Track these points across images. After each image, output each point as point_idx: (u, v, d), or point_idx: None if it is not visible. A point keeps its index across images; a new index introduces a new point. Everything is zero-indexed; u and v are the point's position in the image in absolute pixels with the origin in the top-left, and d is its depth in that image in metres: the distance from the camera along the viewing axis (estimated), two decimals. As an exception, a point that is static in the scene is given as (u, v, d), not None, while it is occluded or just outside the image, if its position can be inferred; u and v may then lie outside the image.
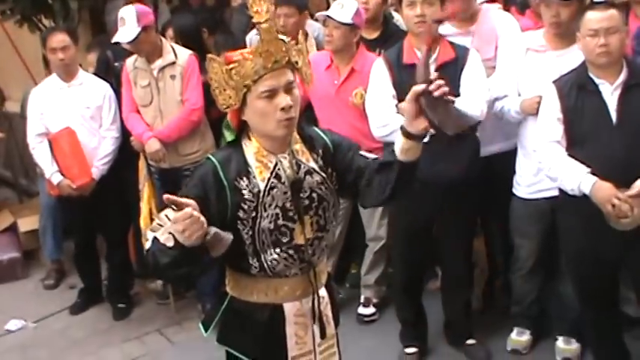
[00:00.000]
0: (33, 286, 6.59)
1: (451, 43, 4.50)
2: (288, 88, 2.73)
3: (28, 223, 6.93)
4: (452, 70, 4.38)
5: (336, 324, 3.14)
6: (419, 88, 2.71)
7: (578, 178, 3.94)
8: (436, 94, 2.73)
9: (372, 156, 2.97)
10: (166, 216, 2.72)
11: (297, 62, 2.77)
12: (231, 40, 5.82)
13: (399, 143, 2.76)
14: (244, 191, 2.77)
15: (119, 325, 5.89)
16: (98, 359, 5.45)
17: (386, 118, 4.56)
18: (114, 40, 5.49)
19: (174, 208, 2.53)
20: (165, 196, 2.54)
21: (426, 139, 2.80)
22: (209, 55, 2.81)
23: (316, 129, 3.03)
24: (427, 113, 2.67)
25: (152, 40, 5.37)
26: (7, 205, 7.62)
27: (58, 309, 6.16)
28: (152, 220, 5.55)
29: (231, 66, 2.71)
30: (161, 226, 2.71)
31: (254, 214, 2.78)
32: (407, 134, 2.72)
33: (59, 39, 5.58)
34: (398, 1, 4.68)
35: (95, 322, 5.96)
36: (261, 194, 2.79)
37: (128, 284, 6.21)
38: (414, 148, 2.76)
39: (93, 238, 6.08)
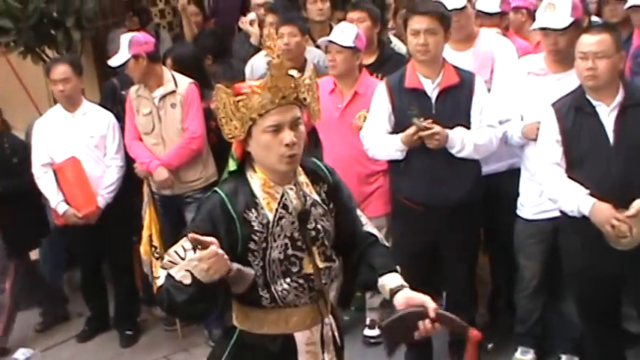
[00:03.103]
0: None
1: (455, 68, 4.57)
2: (294, 125, 2.77)
3: (33, 253, 6.92)
4: (456, 95, 4.50)
5: (342, 347, 3.18)
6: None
7: (578, 200, 3.99)
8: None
9: (366, 221, 3.15)
10: (176, 252, 2.77)
11: (305, 99, 2.81)
12: (230, 71, 5.89)
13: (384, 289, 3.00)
14: (254, 223, 2.80)
15: (127, 353, 5.92)
16: (106, 387, 5.49)
17: (374, 140, 4.67)
18: (108, 63, 5.63)
19: (200, 247, 2.57)
20: (190, 235, 2.58)
21: None
22: (218, 85, 2.87)
23: (319, 163, 3.08)
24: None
25: (142, 69, 5.45)
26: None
27: (65, 337, 6.19)
28: (152, 246, 5.62)
29: (239, 98, 2.75)
30: (172, 262, 2.75)
31: (264, 244, 2.82)
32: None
33: (60, 71, 5.65)
34: (403, 27, 4.74)
35: (103, 350, 5.98)
36: (271, 225, 2.82)
37: (135, 311, 6.23)
38: None
39: (99, 266, 6.11)
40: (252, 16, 6.56)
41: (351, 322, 5.58)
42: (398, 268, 3.09)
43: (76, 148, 5.65)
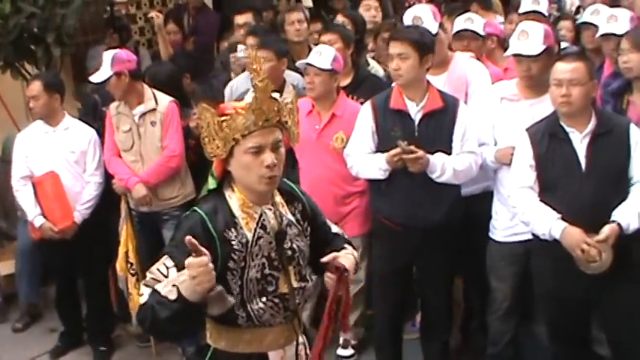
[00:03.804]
0: (13, 330, 6.58)
1: (440, 92, 4.65)
2: (275, 147, 2.83)
3: (8, 267, 6.88)
4: (439, 119, 4.58)
5: None
6: None
7: (549, 224, 4.08)
8: None
9: (339, 231, 3.26)
10: (159, 270, 2.80)
11: (286, 122, 2.87)
12: (210, 90, 5.93)
13: None
14: (233, 242, 2.84)
15: (100, 369, 5.90)
16: (79, 403, 5.47)
17: (358, 159, 4.75)
18: (90, 79, 5.67)
19: (194, 254, 2.61)
20: (188, 238, 2.61)
21: None
22: (202, 105, 2.90)
23: (292, 185, 3.13)
24: None
25: (124, 87, 5.50)
26: (-14, 248, 7.61)
27: (38, 353, 6.14)
28: (128, 262, 5.63)
29: (223, 118, 2.80)
30: (156, 280, 2.78)
31: (243, 264, 2.86)
32: None
33: (30, 88, 5.71)
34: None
35: (76, 366, 5.96)
36: (250, 244, 2.87)
37: (109, 327, 6.21)
38: None
39: (74, 282, 6.09)
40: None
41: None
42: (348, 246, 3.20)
43: (55, 163, 5.66)
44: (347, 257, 3.06)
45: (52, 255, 5.97)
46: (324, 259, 3.02)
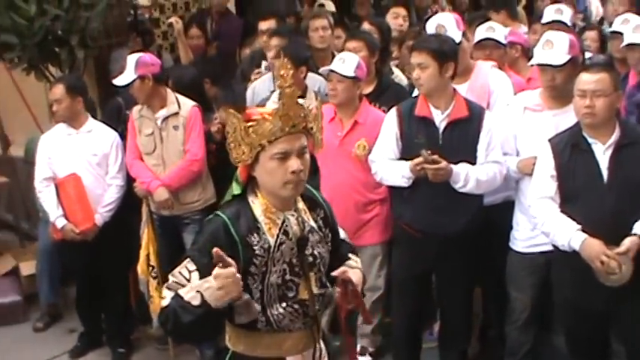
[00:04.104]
0: (34, 330, 6.62)
1: (467, 101, 4.65)
2: (301, 153, 2.84)
3: (29, 267, 6.95)
4: (464, 128, 4.58)
5: None
6: None
7: (569, 235, 4.07)
8: None
9: (345, 237, 3.28)
10: (181, 273, 2.81)
11: (312, 128, 2.89)
12: (232, 95, 5.96)
13: None
14: (255, 247, 2.86)
15: (118, 370, 5.93)
16: (97, 404, 5.50)
17: (382, 166, 4.76)
18: (114, 82, 5.72)
19: (220, 265, 2.62)
20: (215, 250, 2.63)
21: None
22: (230, 110, 2.93)
23: (314, 191, 3.14)
24: None
25: (148, 90, 5.53)
26: (9, 248, 7.67)
27: (58, 352, 6.18)
28: (149, 265, 5.66)
29: (249, 124, 2.82)
30: (178, 284, 2.80)
31: (264, 269, 2.87)
32: None
33: (53, 91, 5.75)
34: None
35: (95, 367, 6.00)
36: (272, 250, 2.88)
37: (128, 329, 6.25)
38: None
39: (94, 283, 6.11)
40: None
41: (341, 347, 5.60)
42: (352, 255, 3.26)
43: (78, 165, 5.69)
44: (354, 272, 3.12)
45: (72, 256, 6.01)
46: (334, 273, 3.05)
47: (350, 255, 3.27)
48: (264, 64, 6.50)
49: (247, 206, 2.93)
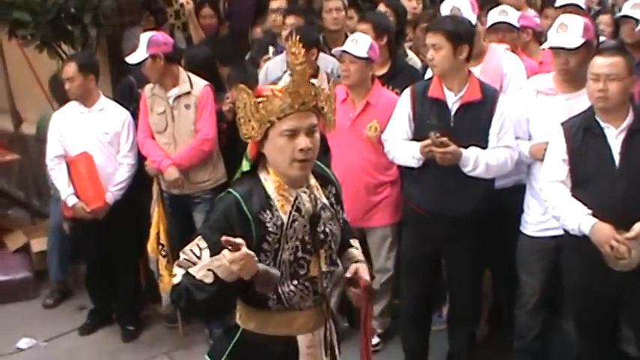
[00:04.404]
0: (44, 306, 6.67)
1: (481, 84, 4.62)
2: (310, 131, 2.84)
3: (40, 244, 6.99)
4: (477, 111, 4.55)
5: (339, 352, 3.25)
6: None
7: (579, 219, 4.05)
8: None
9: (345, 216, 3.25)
10: (192, 251, 2.82)
11: (323, 108, 2.88)
12: (244, 73, 5.96)
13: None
14: (268, 224, 2.86)
15: (128, 347, 5.98)
16: (106, 380, 5.54)
17: (395, 145, 4.77)
18: (126, 60, 5.74)
19: (231, 248, 2.63)
20: (224, 237, 2.63)
21: None
22: (240, 85, 2.93)
23: (326, 169, 3.15)
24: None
25: (160, 69, 5.54)
26: (20, 225, 7.71)
27: (68, 329, 6.24)
28: (159, 244, 5.68)
29: (259, 99, 2.82)
30: (189, 261, 2.81)
31: (277, 246, 2.88)
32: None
33: (66, 70, 5.76)
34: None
35: (104, 344, 6.05)
36: (285, 227, 2.89)
37: (137, 307, 6.30)
38: None
39: (105, 261, 6.15)
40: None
41: (350, 328, 5.63)
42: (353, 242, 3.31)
43: (89, 143, 5.71)
44: (364, 269, 3.15)
45: (83, 234, 6.04)
46: (348, 274, 3.10)
47: (351, 241, 3.29)
48: (271, 49, 6.50)
49: (259, 183, 2.93)
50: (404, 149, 4.69)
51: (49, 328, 6.26)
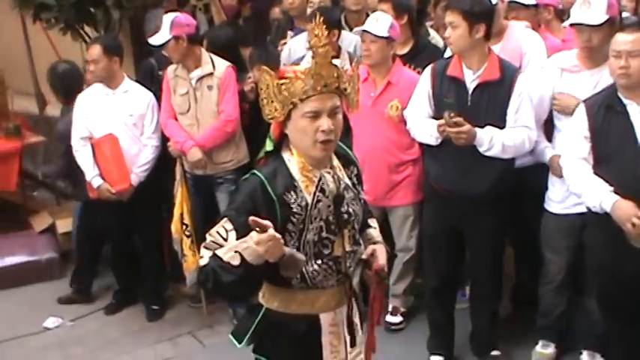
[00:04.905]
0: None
1: (501, 62, 4.58)
2: (333, 113, 2.85)
3: (66, 225, 7.05)
4: (494, 90, 4.52)
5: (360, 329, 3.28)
6: None
7: (600, 196, 4.04)
8: None
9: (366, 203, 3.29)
10: (218, 233, 2.84)
11: (345, 89, 2.89)
12: (265, 54, 5.97)
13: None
14: (293, 205, 2.88)
15: (152, 327, 6.04)
16: (132, 359, 5.59)
17: (415, 122, 4.78)
18: (149, 41, 5.76)
19: (258, 230, 2.64)
20: (251, 218, 2.64)
21: None
22: (263, 67, 2.95)
23: (346, 149, 3.16)
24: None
25: (182, 51, 5.54)
26: (45, 206, 7.78)
27: (93, 309, 6.32)
28: (182, 224, 5.72)
29: (282, 81, 2.83)
30: (216, 243, 2.83)
31: (301, 226, 2.90)
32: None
33: (90, 52, 5.80)
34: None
35: (129, 323, 6.11)
36: (309, 207, 2.91)
37: (162, 287, 6.35)
38: None
39: (129, 242, 6.22)
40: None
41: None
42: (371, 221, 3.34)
43: (114, 125, 5.75)
44: (382, 252, 3.16)
45: (107, 215, 6.07)
46: (364, 256, 3.12)
47: (369, 221, 3.30)
48: (289, 34, 6.50)
49: (283, 164, 2.95)
50: (423, 127, 4.69)
51: (75, 308, 6.34)
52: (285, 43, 6.47)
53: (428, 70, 4.78)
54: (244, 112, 5.74)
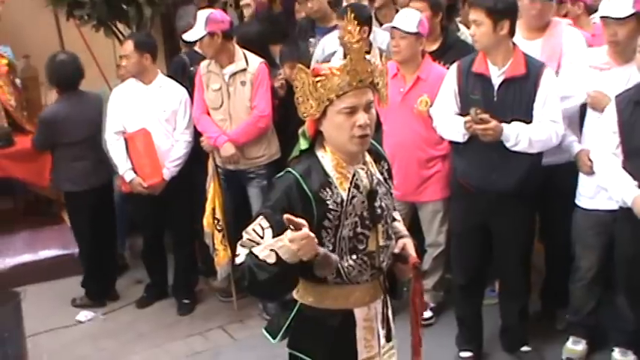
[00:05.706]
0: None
1: (526, 58, 4.57)
2: (367, 107, 2.88)
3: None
4: (520, 86, 4.51)
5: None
6: None
7: (624, 190, 4.05)
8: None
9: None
10: (254, 231, 2.87)
11: (378, 83, 2.92)
12: (296, 51, 6.00)
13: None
14: (328, 202, 2.92)
15: (183, 320, 6.09)
16: (163, 352, 5.64)
17: (441, 119, 4.78)
18: (183, 37, 5.81)
19: (292, 227, 2.67)
20: (286, 216, 2.67)
21: None
22: (299, 65, 2.98)
23: (376, 145, 3.17)
24: None
25: (217, 47, 5.57)
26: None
27: (125, 302, 6.39)
28: (214, 219, 5.76)
29: (318, 78, 2.86)
30: (252, 241, 2.87)
31: (337, 222, 2.93)
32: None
33: (123, 47, 5.90)
34: None
35: (160, 317, 6.16)
36: (344, 204, 2.94)
37: (193, 281, 6.39)
38: None
39: (161, 236, 6.28)
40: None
41: (404, 302, 5.67)
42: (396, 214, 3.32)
43: (147, 120, 5.80)
44: (411, 245, 3.20)
45: (139, 209, 6.15)
46: (396, 250, 3.14)
47: (394, 214, 3.30)
48: (310, 41, 6.53)
49: (317, 162, 2.97)
50: (450, 124, 4.71)
51: (107, 302, 6.40)
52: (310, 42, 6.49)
53: (453, 67, 4.79)
54: (275, 108, 5.77)
